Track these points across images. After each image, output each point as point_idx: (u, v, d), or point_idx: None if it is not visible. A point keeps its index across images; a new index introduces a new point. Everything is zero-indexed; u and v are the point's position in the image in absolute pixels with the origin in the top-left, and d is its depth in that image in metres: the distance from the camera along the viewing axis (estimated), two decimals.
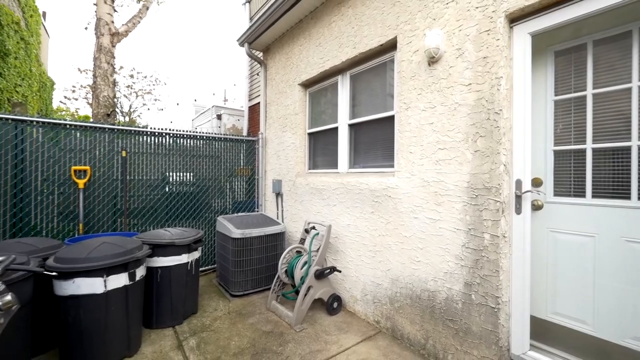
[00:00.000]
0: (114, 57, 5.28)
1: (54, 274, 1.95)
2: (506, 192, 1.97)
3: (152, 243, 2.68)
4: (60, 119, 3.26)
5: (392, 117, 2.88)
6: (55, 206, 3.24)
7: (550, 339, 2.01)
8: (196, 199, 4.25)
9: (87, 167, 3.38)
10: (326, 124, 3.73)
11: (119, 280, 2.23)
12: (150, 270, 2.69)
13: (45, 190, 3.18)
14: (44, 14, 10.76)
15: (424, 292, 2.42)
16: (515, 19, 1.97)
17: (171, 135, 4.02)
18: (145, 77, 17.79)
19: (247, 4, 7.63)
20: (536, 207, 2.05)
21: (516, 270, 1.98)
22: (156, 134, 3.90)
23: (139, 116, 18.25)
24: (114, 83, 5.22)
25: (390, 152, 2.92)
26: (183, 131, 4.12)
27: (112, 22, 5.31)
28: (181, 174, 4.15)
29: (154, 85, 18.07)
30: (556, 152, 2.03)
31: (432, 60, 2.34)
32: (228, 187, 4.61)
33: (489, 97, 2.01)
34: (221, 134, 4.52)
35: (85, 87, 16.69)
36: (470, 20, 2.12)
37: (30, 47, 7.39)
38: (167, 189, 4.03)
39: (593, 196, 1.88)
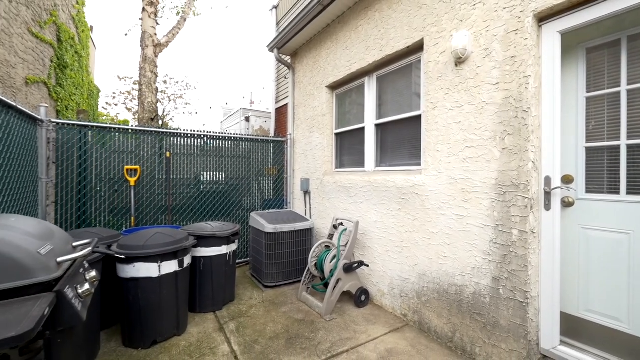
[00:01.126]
0: (156, 66, 5.77)
1: (122, 257, 2.26)
2: (535, 189, 2.00)
3: (196, 234, 2.96)
4: (115, 124, 3.67)
5: (418, 117, 2.96)
6: (110, 202, 3.66)
7: (581, 336, 2.00)
8: (228, 196, 4.56)
9: (137, 167, 3.77)
10: (353, 124, 3.86)
11: (170, 266, 2.52)
12: (194, 259, 2.97)
13: (102, 188, 3.60)
14: (92, 27, 11.77)
15: (451, 287, 2.48)
16: (544, 18, 2.00)
17: (208, 137, 4.35)
18: (177, 82, 18.85)
19: (274, 10, 7.94)
20: (567, 204, 2.05)
21: (545, 266, 2.00)
22: (195, 135, 4.24)
23: (171, 119, 19.35)
24: (157, 90, 5.70)
25: (416, 150, 2.99)
26: (217, 133, 4.44)
27: (155, 34, 5.81)
28: (214, 173, 4.47)
29: (185, 90, 19.07)
30: (588, 149, 2.02)
31: (459, 60, 2.40)
32: (257, 185, 4.88)
33: (517, 96, 2.05)
34: (251, 135, 4.80)
35: (124, 94, 17.96)
36: (498, 21, 2.16)
37: (82, 59, 8.19)
38: (201, 188, 4.37)
39: (628, 193, 1.86)
